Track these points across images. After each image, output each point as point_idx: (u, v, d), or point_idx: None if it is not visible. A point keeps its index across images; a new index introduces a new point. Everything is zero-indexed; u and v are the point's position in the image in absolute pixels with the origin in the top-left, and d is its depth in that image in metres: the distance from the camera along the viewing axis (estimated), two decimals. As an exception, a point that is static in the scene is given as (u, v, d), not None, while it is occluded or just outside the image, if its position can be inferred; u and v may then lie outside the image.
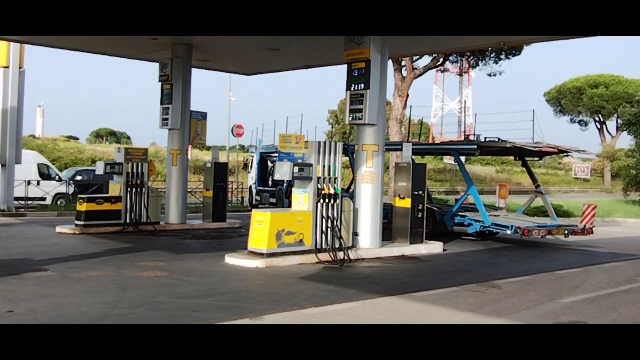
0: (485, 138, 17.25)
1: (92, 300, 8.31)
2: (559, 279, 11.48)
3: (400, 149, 15.97)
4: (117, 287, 9.28)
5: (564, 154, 26.09)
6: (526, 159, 19.08)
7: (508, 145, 16.33)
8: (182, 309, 7.97)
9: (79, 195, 17.48)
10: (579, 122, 68.96)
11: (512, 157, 21.38)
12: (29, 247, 13.25)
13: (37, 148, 38.77)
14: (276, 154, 18.42)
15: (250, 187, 28.65)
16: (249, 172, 29.40)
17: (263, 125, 38.60)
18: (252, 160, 29.05)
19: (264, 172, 27.46)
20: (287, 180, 19.34)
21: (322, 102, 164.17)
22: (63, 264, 11.07)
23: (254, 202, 27.42)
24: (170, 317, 7.49)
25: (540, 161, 34.86)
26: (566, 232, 16.16)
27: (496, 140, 16.82)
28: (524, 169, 19.54)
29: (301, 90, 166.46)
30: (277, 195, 25.30)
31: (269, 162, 27.47)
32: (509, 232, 15.76)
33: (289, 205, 14.61)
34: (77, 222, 16.09)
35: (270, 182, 26.79)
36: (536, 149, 16.82)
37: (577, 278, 11.69)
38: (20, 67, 20.27)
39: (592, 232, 16.73)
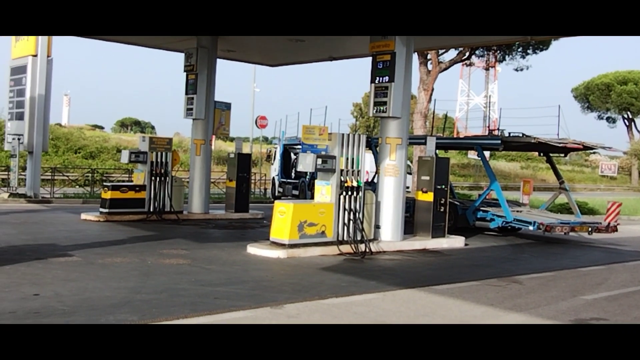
0: (509, 133, 17.11)
1: (116, 286, 8.44)
2: (581, 276, 11.39)
3: (424, 143, 15.93)
4: (140, 273, 9.41)
5: (590, 151, 25.78)
6: (551, 155, 18.90)
7: (532, 140, 16.18)
8: (203, 296, 8.06)
9: (104, 183, 17.70)
10: (607, 119, 67.96)
11: (536, 153, 21.16)
12: (55, 232, 13.48)
13: (63, 136, 39.25)
14: (299, 146, 18.44)
15: (273, 178, 28.76)
16: (272, 164, 29.50)
17: (287, 117, 38.75)
18: (275, 151, 29.13)
19: (287, 164, 27.53)
20: (310, 172, 19.34)
21: (346, 95, 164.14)
22: (88, 250, 11.25)
23: (276, 193, 27.53)
24: (192, 304, 7.58)
25: (566, 158, 34.50)
26: (590, 229, 15.98)
27: (520, 135, 16.68)
28: (549, 165, 19.35)
29: (325, 83, 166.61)
30: (299, 187, 25.37)
31: (292, 154, 27.53)
32: (531, 228, 15.64)
33: (312, 198, 14.64)
34: (101, 209, 16.30)
35: (293, 174, 26.85)
36: (561, 145, 16.62)
37: (600, 275, 11.59)
38: (48, 56, 20.55)
39: (616, 230, 16.53)
